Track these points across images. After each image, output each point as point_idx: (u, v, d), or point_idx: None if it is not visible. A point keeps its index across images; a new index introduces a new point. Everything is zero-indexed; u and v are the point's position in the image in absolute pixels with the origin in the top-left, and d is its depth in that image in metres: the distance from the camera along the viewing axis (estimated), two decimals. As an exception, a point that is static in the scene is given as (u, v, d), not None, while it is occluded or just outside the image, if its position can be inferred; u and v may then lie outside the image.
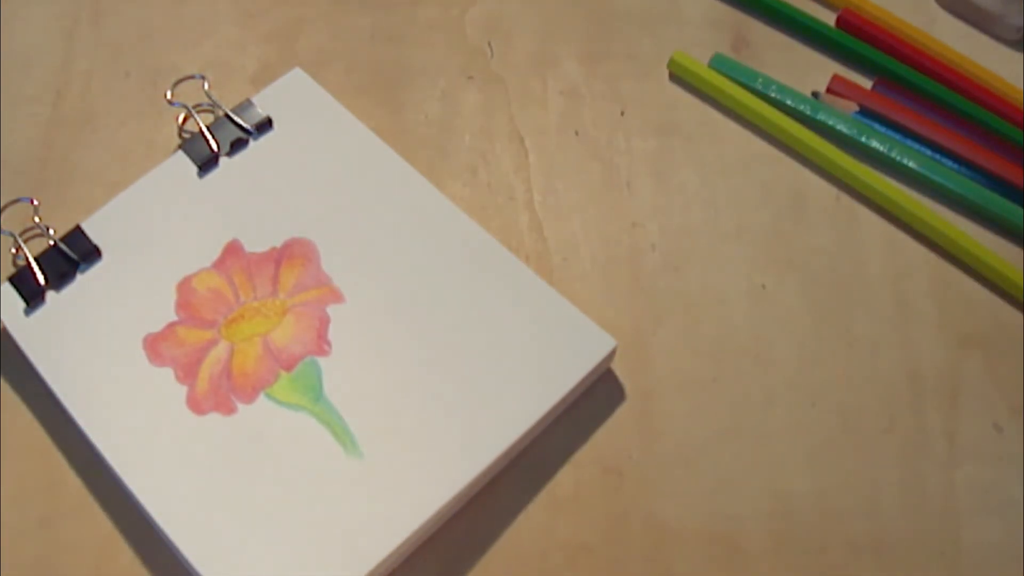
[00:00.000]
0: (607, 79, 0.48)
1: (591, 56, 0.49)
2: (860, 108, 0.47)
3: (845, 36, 0.49)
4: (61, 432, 0.40)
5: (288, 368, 0.40)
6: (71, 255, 0.42)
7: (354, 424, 0.39)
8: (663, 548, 0.38)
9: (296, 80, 0.46)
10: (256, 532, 0.37)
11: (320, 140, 0.45)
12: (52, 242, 0.42)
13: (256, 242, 0.42)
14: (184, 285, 0.41)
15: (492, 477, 0.39)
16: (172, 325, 0.41)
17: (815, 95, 0.48)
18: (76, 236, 0.42)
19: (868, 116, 0.47)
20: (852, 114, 0.47)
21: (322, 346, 0.40)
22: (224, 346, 0.40)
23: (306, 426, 0.39)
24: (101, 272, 0.42)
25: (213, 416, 0.39)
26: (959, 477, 0.39)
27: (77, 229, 0.43)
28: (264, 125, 0.45)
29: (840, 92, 0.47)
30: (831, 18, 0.50)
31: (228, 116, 0.45)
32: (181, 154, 0.45)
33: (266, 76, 0.48)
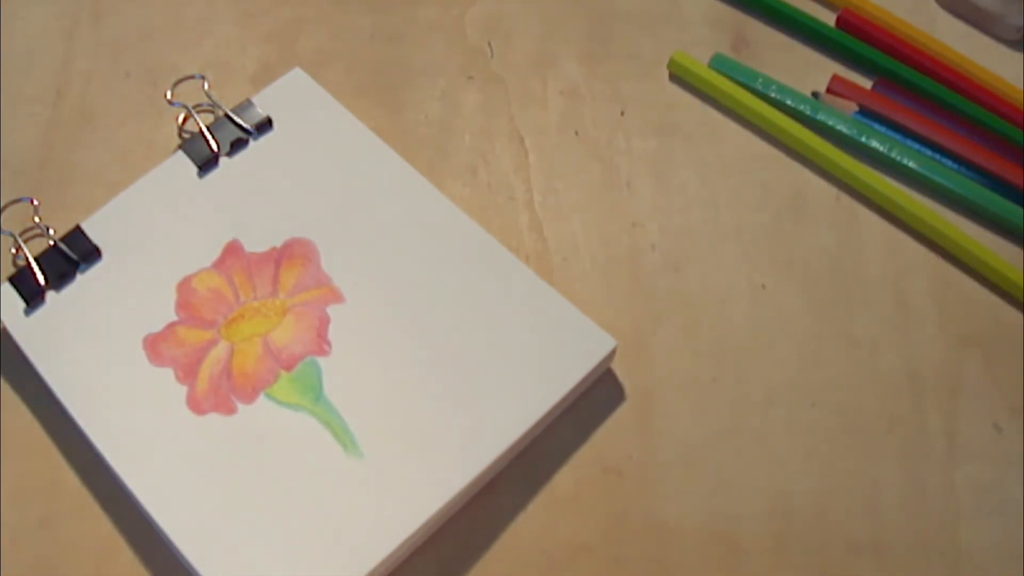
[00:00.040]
0: (607, 79, 0.48)
1: (591, 56, 0.49)
2: (860, 108, 0.47)
3: (845, 36, 0.49)
4: (61, 432, 0.40)
5: (288, 368, 0.40)
6: (71, 255, 0.42)
7: (354, 424, 0.39)
8: (663, 548, 0.38)
9: (296, 80, 0.46)
10: (256, 532, 0.37)
11: (320, 140, 0.45)
12: (52, 242, 0.42)
13: (256, 242, 0.42)
14: (184, 285, 0.41)
15: (492, 477, 0.39)
16: (172, 325, 0.41)
17: (815, 95, 0.48)
18: (76, 236, 0.42)
19: (868, 116, 0.47)
20: (852, 114, 0.47)
21: (322, 346, 0.40)
22: (224, 346, 0.40)
23: (306, 426, 0.39)
24: (101, 272, 0.42)
25: (213, 416, 0.39)
26: (959, 477, 0.39)
27: (77, 229, 0.43)
28: (264, 125, 0.45)
29: (840, 92, 0.47)
30: (831, 18, 0.50)
31: (228, 116, 0.45)
32: (181, 154, 0.45)
33: (266, 76, 0.48)
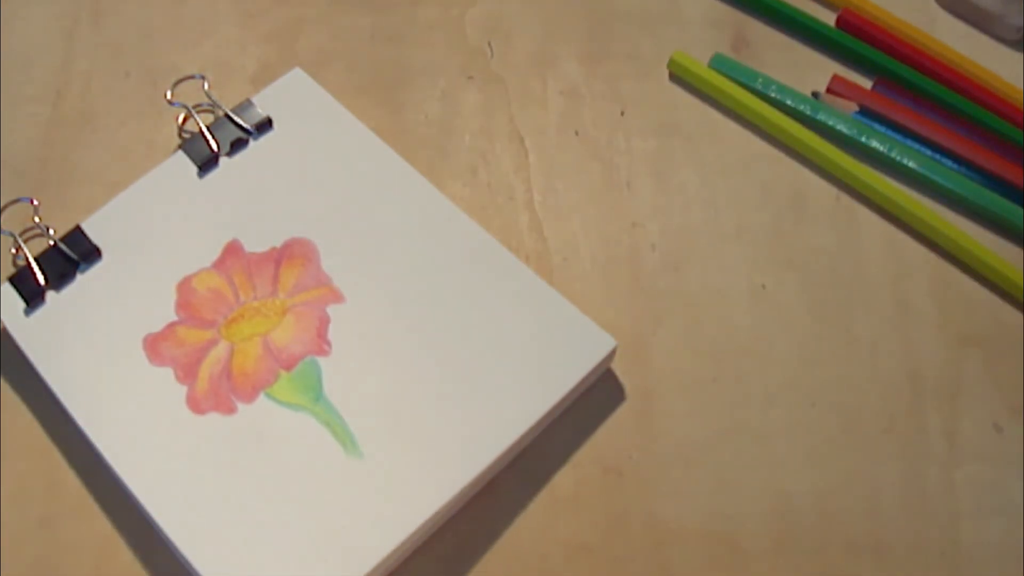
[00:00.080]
0: (607, 79, 0.48)
1: (591, 56, 0.49)
2: (860, 108, 0.47)
3: (845, 36, 0.49)
4: (61, 432, 0.40)
5: (288, 368, 0.40)
6: (71, 255, 0.42)
7: (354, 424, 0.39)
8: (663, 548, 0.38)
9: (296, 80, 0.46)
10: (256, 532, 0.37)
11: (320, 140, 0.45)
12: (52, 242, 0.42)
13: (256, 242, 0.42)
14: (184, 285, 0.41)
15: (492, 477, 0.39)
16: (172, 325, 0.41)
17: (815, 95, 0.48)
18: (76, 236, 0.42)
19: (868, 116, 0.47)
20: (852, 114, 0.47)
21: (322, 346, 0.40)
22: (224, 346, 0.40)
23: (306, 426, 0.39)
24: (101, 272, 0.42)
25: (213, 416, 0.39)
26: (959, 477, 0.39)
27: (77, 229, 0.43)
28: (264, 125, 0.45)
29: (840, 92, 0.47)
30: (831, 18, 0.50)
31: (228, 116, 0.45)
32: (181, 154, 0.45)
33: (266, 76, 0.48)
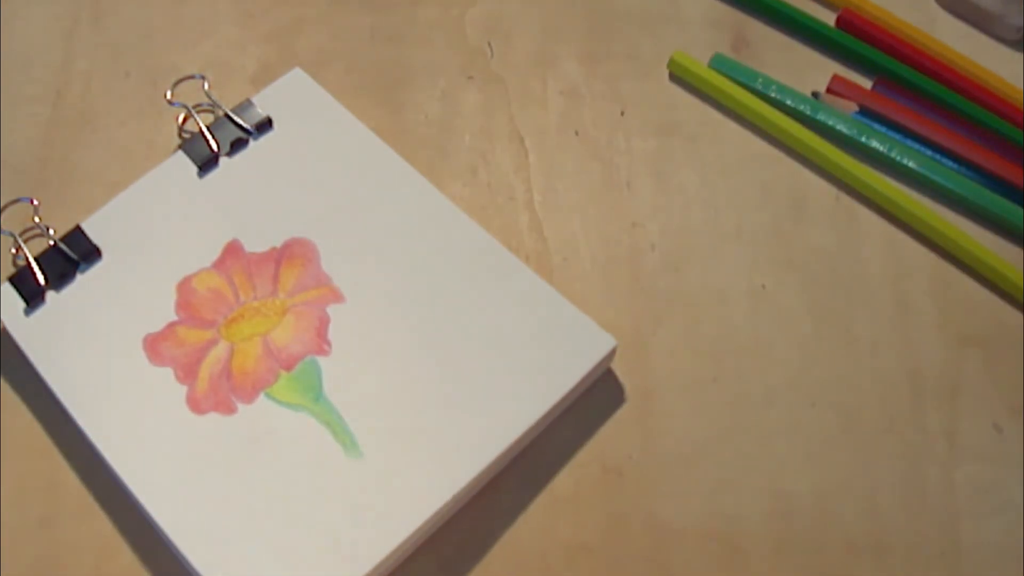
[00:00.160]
0: (607, 79, 0.48)
1: (591, 56, 0.49)
2: (860, 108, 0.47)
3: (845, 36, 0.49)
4: (61, 432, 0.40)
5: (288, 368, 0.40)
6: (71, 255, 0.42)
7: (354, 424, 0.39)
8: (663, 548, 0.38)
9: (296, 80, 0.46)
10: (256, 532, 0.37)
11: (320, 140, 0.45)
12: (52, 242, 0.42)
13: (256, 242, 0.42)
14: (184, 285, 0.41)
15: (492, 477, 0.39)
16: (172, 325, 0.41)
17: (815, 95, 0.48)
18: (76, 236, 0.42)
19: (868, 116, 0.47)
20: (852, 114, 0.47)
21: (322, 346, 0.40)
22: (224, 346, 0.40)
23: (306, 426, 0.39)
24: (101, 272, 0.42)
25: (213, 416, 0.39)
26: (959, 477, 0.39)
27: (77, 229, 0.43)
28: (264, 125, 0.45)
29: (840, 92, 0.47)
30: (831, 18, 0.50)
31: (228, 116, 0.45)
32: (181, 154, 0.45)
33: (266, 76, 0.48)
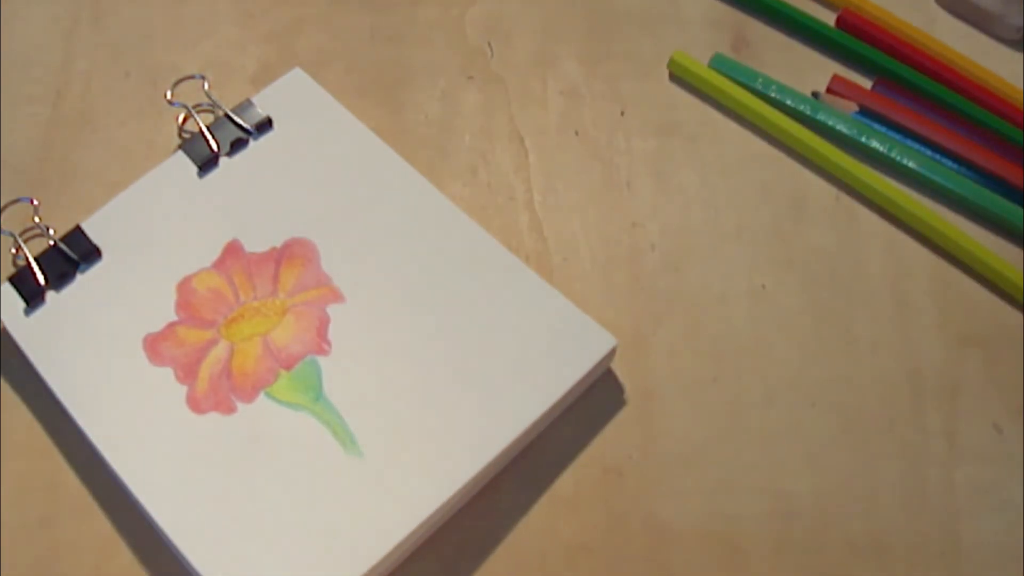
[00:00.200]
0: (607, 79, 0.48)
1: (591, 56, 0.49)
2: (860, 108, 0.47)
3: (845, 36, 0.49)
4: (61, 432, 0.40)
5: (288, 367, 0.40)
6: (71, 255, 0.42)
7: (354, 423, 0.39)
8: (663, 548, 0.38)
9: (296, 80, 0.46)
10: (256, 531, 0.37)
11: (320, 140, 0.45)
12: (52, 242, 0.42)
13: (256, 242, 0.42)
14: (184, 285, 0.41)
15: (493, 476, 0.39)
16: (172, 325, 0.41)
17: (815, 95, 0.48)
18: (76, 236, 0.42)
19: (868, 116, 0.47)
20: (852, 114, 0.47)
21: (322, 346, 0.40)
22: (224, 346, 0.40)
23: (306, 425, 0.39)
24: (101, 272, 0.42)
25: (213, 416, 0.39)
26: (959, 477, 0.39)
27: (77, 229, 0.43)
28: (264, 125, 0.45)
29: (840, 92, 0.47)
30: (831, 18, 0.50)
31: (228, 116, 0.45)
32: (181, 154, 0.45)
33: (266, 76, 0.48)
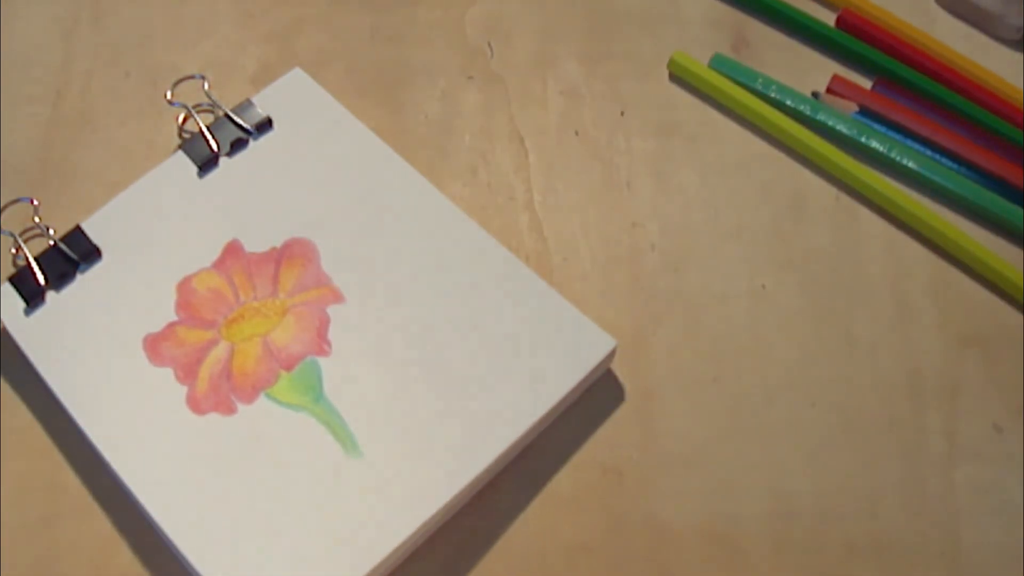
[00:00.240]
0: (607, 79, 0.48)
1: (591, 56, 0.49)
2: (860, 108, 0.47)
3: (845, 36, 0.49)
4: (61, 432, 0.40)
5: (288, 368, 0.40)
6: (71, 255, 0.42)
7: (354, 424, 0.39)
8: (663, 548, 0.38)
9: (296, 80, 0.46)
10: (256, 532, 0.37)
11: (320, 140, 0.45)
12: (52, 242, 0.42)
13: (256, 242, 0.42)
14: (184, 285, 0.41)
15: (492, 477, 0.39)
16: (172, 325, 0.41)
17: (815, 95, 0.48)
18: (76, 236, 0.42)
19: (868, 116, 0.47)
20: (852, 114, 0.47)
21: (322, 346, 0.40)
22: (224, 346, 0.40)
23: (306, 426, 0.39)
24: (101, 272, 0.42)
25: (213, 416, 0.39)
26: (959, 477, 0.39)
27: (77, 229, 0.43)
28: (264, 125, 0.45)
29: (840, 92, 0.47)
30: (831, 18, 0.50)
31: (228, 116, 0.45)
32: (181, 154, 0.45)
33: (266, 76, 0.48)
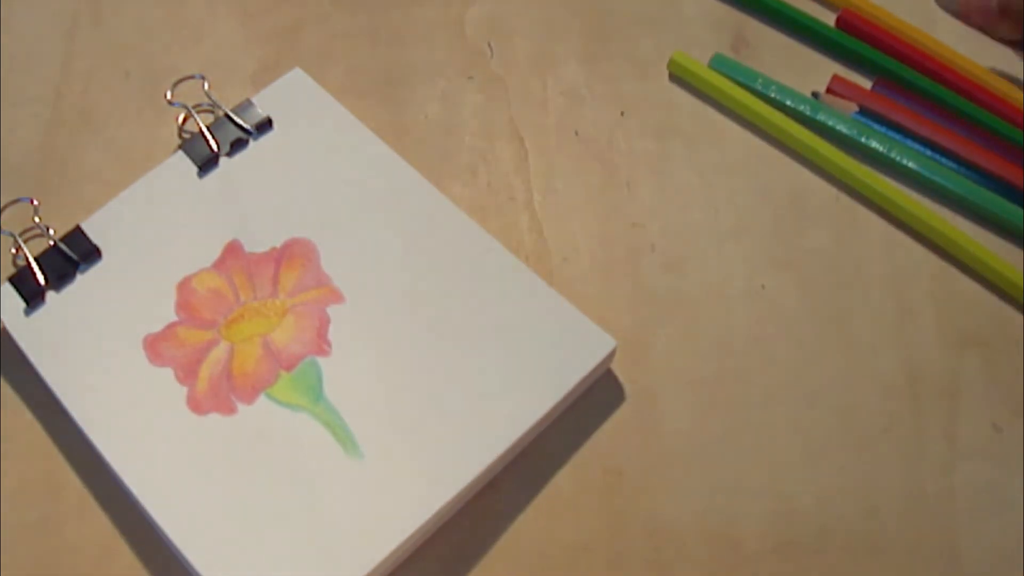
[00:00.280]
0: (607, 79, 0.48)
1: (591, 56, 0.49)
2: (860, 108, 0.47)
3: (845, 36, 0.49)
4: (61, 432, 0.40)
5: (288, 368, 0.40)
6: (71, 255, 0.42)
7: (354, 424, 0.39)
8: (663, 548, 0.38)
9: (296, 80, 0.46)
10: (256, 532, 0.37)
11: (320, 140, 0.45)
12: (52, 242, 0.42)
13: (256, 242, 0.42)
14: (184, 285, 0.41)
15: (492, 477, 0.39)
16: (172, 325, 0.41)
17: (815, 95, 0.48)
18: (76, 236, 0.42)
19: (868, 116, 0.47)
20: (852, 114, 0.47)
21: (322, 346, 0.40)
22: (224, 346, 0.40)
23: (306, 426, 0.39)
24: (101, 272, 0.42)
25: (213, 416, 0.39)
26: (958, 478, 0.39)
27: (77, 229, 0.43)
28: (264, 125, 0.45)
29: (840, 92, 0.47)
30: (831, 18, 0.50)
31: (228, 116, 0.45)
32: (181, 154, 0.45)
33: (266, 76, 0.48)
